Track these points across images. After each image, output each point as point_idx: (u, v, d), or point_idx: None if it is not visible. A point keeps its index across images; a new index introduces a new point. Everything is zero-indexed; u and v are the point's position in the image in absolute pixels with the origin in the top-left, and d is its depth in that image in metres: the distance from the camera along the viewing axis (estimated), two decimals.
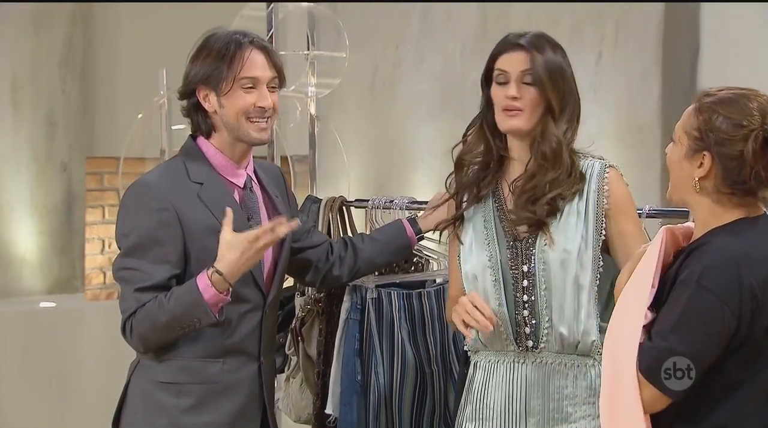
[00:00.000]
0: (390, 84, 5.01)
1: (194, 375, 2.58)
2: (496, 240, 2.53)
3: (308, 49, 3.56)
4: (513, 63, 2.49)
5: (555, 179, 2.48)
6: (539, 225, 2.49)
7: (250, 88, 2.57)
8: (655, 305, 2.16)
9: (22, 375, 4.97)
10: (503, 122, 2.51)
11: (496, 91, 2.52)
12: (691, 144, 2.15)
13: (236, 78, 2.55)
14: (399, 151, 4.95)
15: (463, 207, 2.57)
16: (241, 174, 2.64)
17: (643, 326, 2.14)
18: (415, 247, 2.98)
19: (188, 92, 2.60)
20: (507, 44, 2.52)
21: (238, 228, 2.57)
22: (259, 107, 2.58)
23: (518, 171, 2.54)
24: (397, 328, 2.99)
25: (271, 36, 3.40)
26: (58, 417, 5.05)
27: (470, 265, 2.55)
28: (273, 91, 2.61)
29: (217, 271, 2.47)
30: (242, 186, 2.64)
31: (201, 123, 2.61)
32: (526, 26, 2.63)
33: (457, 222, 2.58)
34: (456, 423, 2.62)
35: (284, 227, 2.48)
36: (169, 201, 2.53)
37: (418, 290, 3.04)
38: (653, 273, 2.16)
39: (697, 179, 2.15)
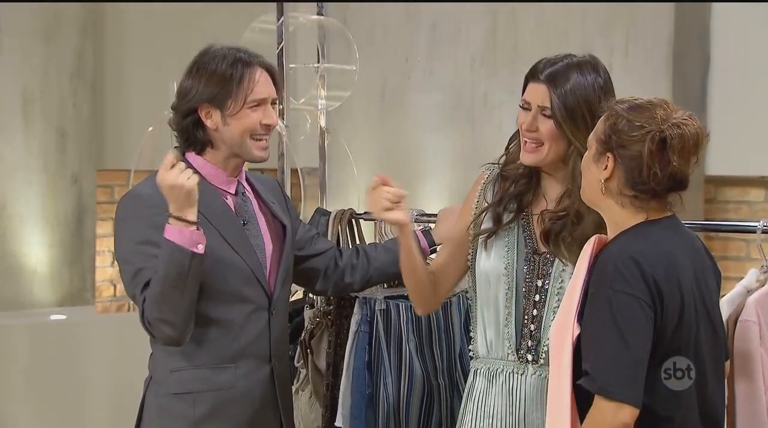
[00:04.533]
0: (400, 96, 5.01)
1: (207, 383, 2.59)
2: (515, 249, 2.52)
3: (318, 62, 3.57)
4: (534, 96, 2.44)
5: (589, 220, 2.39)
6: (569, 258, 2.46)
7: (256, 106, 2.60)
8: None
9: (32, 387, 4.97)
10: (521, 155, 2.48)
11: (520, 115, 2.48)
12: (597, 147, 2.21)
13: (246, 99, 2.58)
14: (409, 163, 4.95)
15: (504, 219, 2.52)
16: (232, 181, 2.66)
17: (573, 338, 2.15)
18: (426, 261, 2.98)
19: (189, 110, 2.60)
20: (532, 74, 2.46)
21: (233, 233, 2.58)
22: (265, 125, 2.61)
23: (547, 201, 2.51)
24: (405, 340, 2.99)
25: (281, 48, 3.40)
26: None
27: (486, 269, 2.54)
28: (274, 108, 2.64)
29: (170, 217, 2.45)
30: (234, 192, 2.65)
31: (198, 138, 2.62)
32: (535, 39, 2.63)
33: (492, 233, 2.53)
34: None
35: (169, 155, 2.45)
36: (162, 206, 2.52)
37: None
38: (582, 281, 2.19)
39: (602, 181, 2.19)
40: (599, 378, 2.07)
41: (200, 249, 2.46)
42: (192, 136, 2.62)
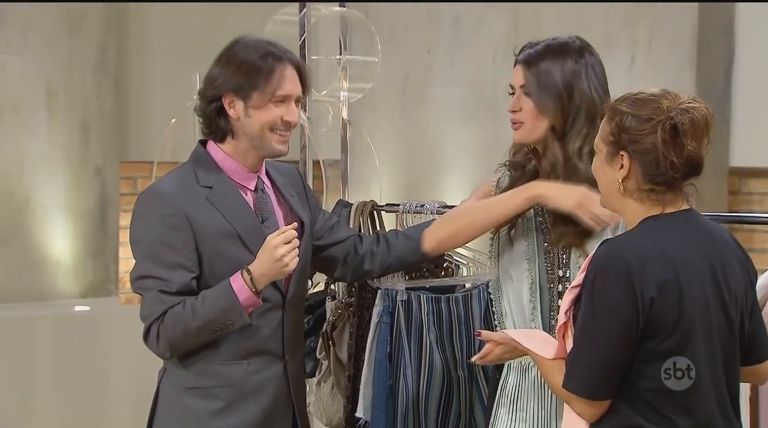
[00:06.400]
0: (422, 88, 5.00)
1: (219, 379, 2.59)
2: (535, 243, 2.53)
3: (340, 54, 3.57)
4: (515, 78, 2.53)
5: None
6: (577, 246, 2.48)
7: (281, 102, 2.60)
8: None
9: (56, 377, 5.00)
10: (513, 136, 2.56)
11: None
12: (608, 148, 2.19)
13: (273, 94, 2.58)
14: (430, 155, 4.95)
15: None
16: (252, 177, 2.66)
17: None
18: (446, 253, 2.98)
19: (215, 96, 2.61)
20: (515, 59, 2.55)
21: (251, 234, 2.58)
22: (286, 122, 2.61)
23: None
24: (426, 332, 2.99)
25: (304, 40, 3.41)
26: (92, 420, 5.08)
27: (510, 266, 2.55)
28: (297, 106, 2.64)
29: (248, 270, 2.49)
30: (254, 188, 2.66)
31: (219, 127, 2.62)
32: (557, 31, 2.62)
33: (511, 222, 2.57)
34: (489, 424, 2.61)
35: (291, 230, 2.50)
36: (179, 206, 2.55)
37: (447, 295, 3.04)
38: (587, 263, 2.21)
39: (620, 181, 2.17)
40: (566, 371, 2.14)
41: (249, 312, 2.52)
42: (214, 123, 2.63)
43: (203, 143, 2.67)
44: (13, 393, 4.90)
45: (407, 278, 3.03)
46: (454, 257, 3.09)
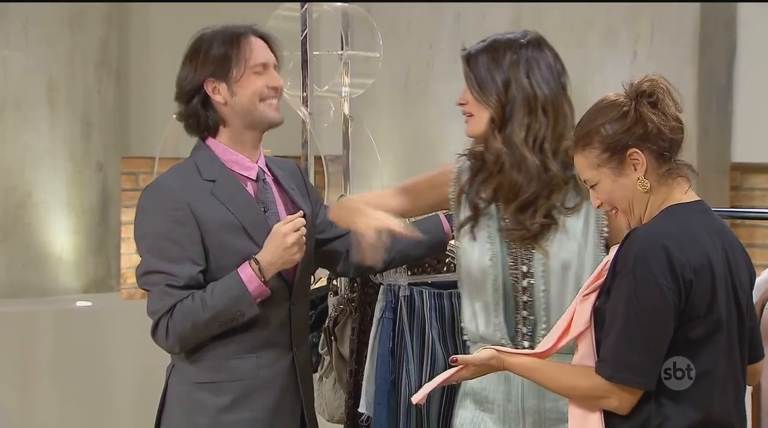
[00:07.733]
0: (423, 84, 5.00)
1: (230, 373, 2.60)
2: (498, 238, 2.53)
3: (342, 49, 3.57)
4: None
5: (531, 191, 2.46)
6: (533, 240, 2.48)
7: (260, 73, 2.62)
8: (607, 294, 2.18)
9: (57, 373, 5.00)
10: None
11: None
12: (611, 164, 2.15)
13: (247, 64, 2.60)
14: (432, 150, 4.95)
15: (481, 204, 2.55)
16: (253, 167, 2.66)
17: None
18: (448, 248, 2.98)
19: (194, 90, 2.62)
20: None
21: (255, 224, 2.59)
22: (272, 88, 2.63)
23: None
24: (428, 327, 2.99)
25: (305, 36, 3.41)
26: (94, 416, 5.08)
27: (472, 263, 2.55)
28: (277, 73, 2.67)
29: (256, 260, 2.50)
30: (255, 178, 2.66)
31: (209, 119, 2.63)
32: (560, 27, 2.63)
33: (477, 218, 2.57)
34: (454, 414, 2.62)
35: (299, 218, 2.52)
36: (183, 200, 2.55)
37: (449, 290, 3.04)
38: (602, 268, 2.20)
39: (642, 178, 2.14)
40: (609, 362, 2.10)
41: (257, 302, 2.52)
42: (203, 118, 2.64)
43: (203, 138, 2.68)
44: (14, 388, 4.90)
45: (409, 273, 3.04)
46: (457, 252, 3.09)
